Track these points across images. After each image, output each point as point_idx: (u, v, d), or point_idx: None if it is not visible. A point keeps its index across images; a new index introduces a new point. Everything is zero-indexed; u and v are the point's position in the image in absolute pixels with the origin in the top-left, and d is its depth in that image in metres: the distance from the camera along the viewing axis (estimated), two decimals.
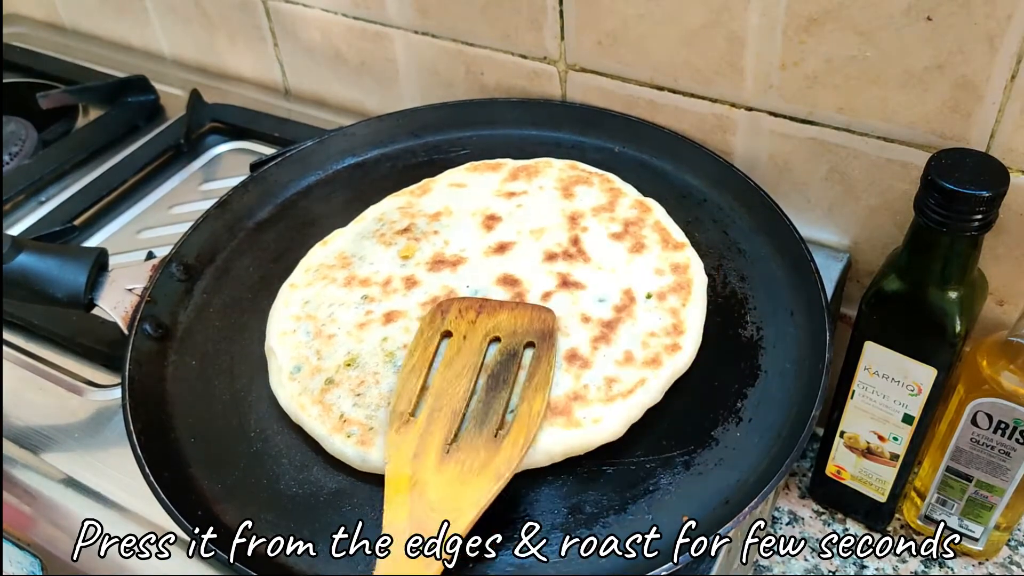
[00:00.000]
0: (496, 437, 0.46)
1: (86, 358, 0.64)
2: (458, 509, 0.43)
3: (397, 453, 0.45)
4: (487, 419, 0.46)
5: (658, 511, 0.46)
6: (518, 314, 0.52)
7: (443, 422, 0.46)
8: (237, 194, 0.66)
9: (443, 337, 0.51)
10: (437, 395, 0.48)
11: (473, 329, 0.51)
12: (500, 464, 0.45)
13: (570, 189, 0.64)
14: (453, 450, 0.45)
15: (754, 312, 0.56)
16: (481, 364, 0.49)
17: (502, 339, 0.50)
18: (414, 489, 0.43)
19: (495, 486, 0.44)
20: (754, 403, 0.51)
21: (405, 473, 0.44)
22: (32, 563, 0.55)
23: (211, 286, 0.61)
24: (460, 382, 0.48)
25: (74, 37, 1.05)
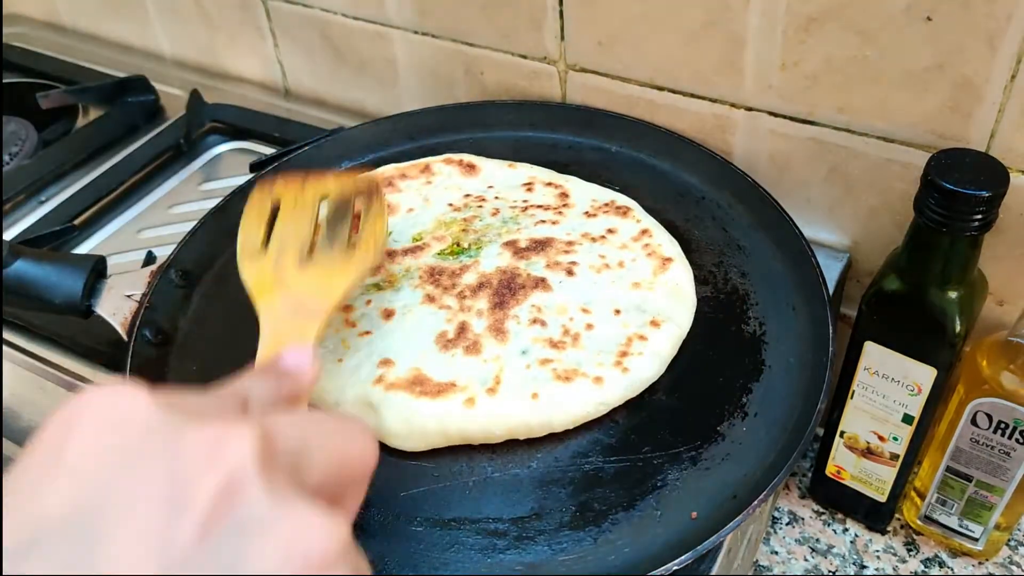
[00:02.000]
0: (348, 248, 0.49)
1: (87, 359, 0.64)
2: (328, 288, 0.46)
3: (256, 273, 0.47)
4: (335, 240, 0.49)
5: (666, 507, 0.46)
6: (343, 179, 0.54)
7: (293, 248, 0.48)
8: (235, 199, 0.66)
9: (273, 206, 0.52)
10: (280, 237, 0.49)
11: (303, 194, 0.52)
12: (358, 260, 0.48)
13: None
14: (310, 264, 0.48)
15: (756, 308, 0.56)
16: (316, 215, 0.51)
17: (331, 197, 0.52)
18: (280, 288, 0.46)
19: (357, 273, 0.48)
20: (759, 398, 0.51)
21: (268, 279, 0.46)
22: None
23: (210, 292, 0.61)
24: (300, 225, 0.50)
25: (74, 37, 1.05)
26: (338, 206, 0.52)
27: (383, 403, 0.49)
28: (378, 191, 0.53)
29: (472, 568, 0.44)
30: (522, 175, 0.66)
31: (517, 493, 0.47)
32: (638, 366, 0.51)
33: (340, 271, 0.47)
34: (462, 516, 0.47)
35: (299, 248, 0.48)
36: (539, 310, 0.54)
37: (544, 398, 0.49)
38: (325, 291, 0.46)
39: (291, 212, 0.51)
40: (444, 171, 0.66)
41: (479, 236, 0.60)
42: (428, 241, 0.60)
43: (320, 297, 0.45)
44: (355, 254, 0.49)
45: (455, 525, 0.46)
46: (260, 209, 0.52)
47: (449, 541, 0.46)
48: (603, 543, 0.45)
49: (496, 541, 0.46)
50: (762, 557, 0.66)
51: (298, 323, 0.43)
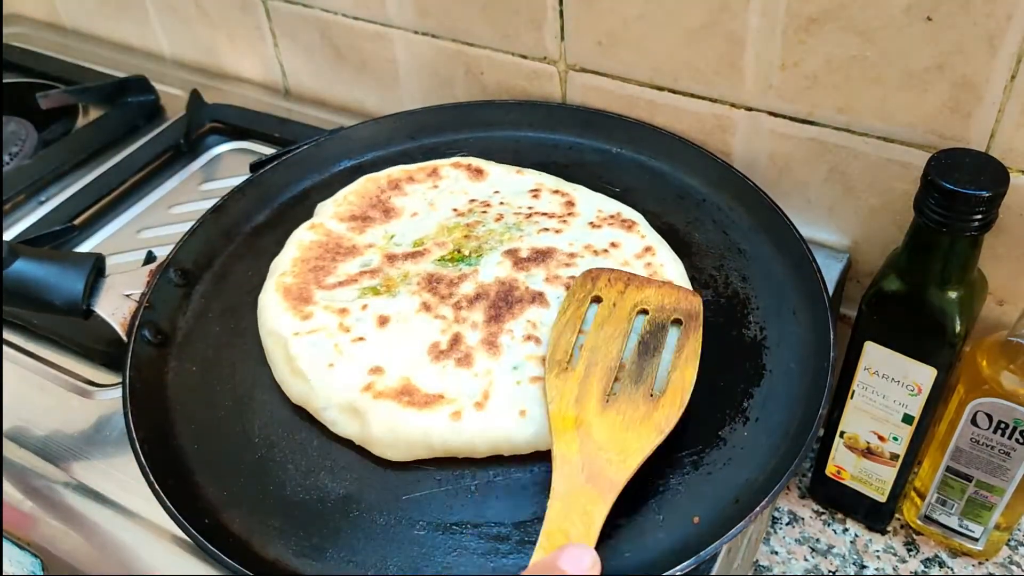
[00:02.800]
0: (652, 396, 0.47)
1: (86, 358, 0.64)
2: (624, 451, 0.44)
3: (559, 396, 0.47)
4: (642, 379, 0.48)
5: (668, 511, 0.46)
6: (665, 291, 0.53)
7: (600, 375, 0.48)
8: (233, 198, 0.66)
9: (593, 302, 0.53)
10: (591, 350, 0.49)
11: (622, 299, 0.52)
12: (660, 419, 0.46)
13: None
14: (612, 401, 0.47)
15: (756, 312, 0.56)
16: (630, 331, 0.51)
17: (650, 312, 0.52)
18: (580, 428, 0.45)
19: (657, 438, 0.45)
20: (760, 402, 0.51)
21: (570, 414, 0.46)
22: (32, 563, 0.55)
23: (209, 291, 0.61)
24: (613, 343, 0.50)
25: (74, 37, 1.05)
26: (653, 328, 0.51)
27: (370, 410, 0.49)
28: (698, 318, 0.51)
29: (475, 572, 0.44)
30: (529, 181, 0.65)
31: (520, 497, 0.47)
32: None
33: (640, 428, 0.46)
34: (464, 520, 0.47)
35: (606, 375, 0.48)
36: (534, 326, 0.53)
37: (531, 416, 0.48)
38: (622, 452, 0.44)
39: (607, 318, 0.51)
40: (451, 175, 0.66)
41: (480, 243, 0.59)
42: (430, 247, 0.60)
43: (616, 463, 0.44)
44: (657, 410, 0.47)
45: (457, 529, 0.46)
46: (579, 303, 0.52)
47: (452, 545, 0.46)
48: (605, 548, 0.45)
49: (499, 545, 0.45)
50: (762, 557, 0.66)
51: (589, 496, 0.43)
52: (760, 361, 0.53)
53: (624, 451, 0.45)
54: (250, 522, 0.47)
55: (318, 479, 0.49)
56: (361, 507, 0.48)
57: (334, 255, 0.60)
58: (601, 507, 0.42)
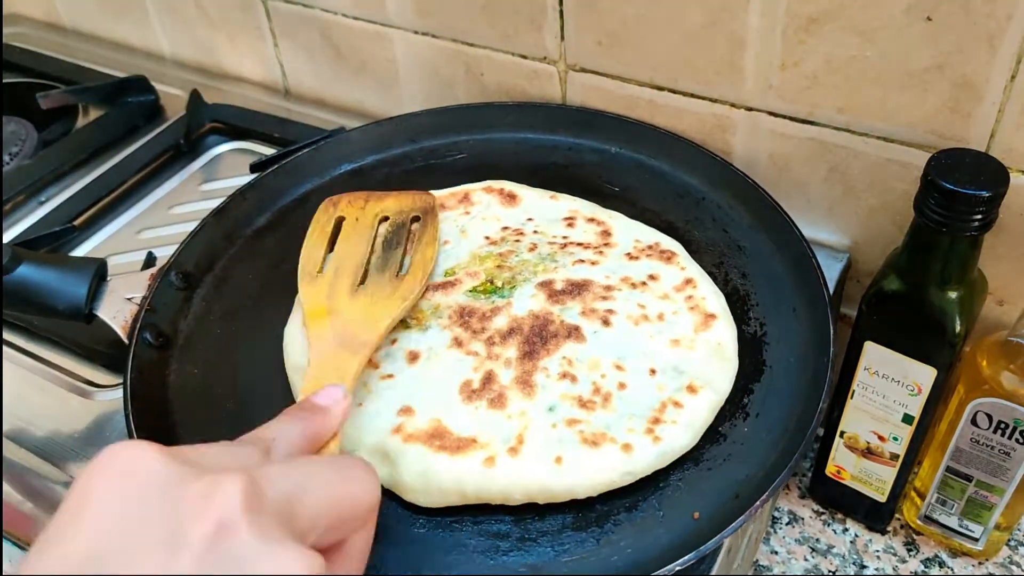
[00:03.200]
0: (398, 276, 0.54)
1: (87, 359, 0.64)
2: (374, 319, 0.50)
3: (311, 296, 0.53)
4: (387, 266, 0.55)
5: (668, 507, 0.46)
6: (402, 198, 0.61)
7: (348, 273, 0.54)
8: (235, 201, 0.66)
9: (337, 223, 0.59)
10: (339, 259, 0.56)
11: (364, 212, 0.59)
12: (404, 289, 0.53)
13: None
14: (361, 290, 0.53)
15: (756, 308, 0.56)
16: (375, 236, 0.57)
17: (391, 217, 0.59)
18: (331, 315, 0.51)
19: (403, 304, 0.52)
20: (760, 398, 0.51)
21: (322, 306, 0.51)
22: None
23: (210, 294, 0.61)
24: (358, 247, 0.56)
25: (74, 37, 1.05)
26: (395, 228, 0.58)
27: (400, 455, 0.47)
28: (433, 211, 0.59)
29: (475, 570, 0.44)
30: (563, 208, 0.63)
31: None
32: (671, 436, 0.48)
33: (387, 301, 0.52)
34: (464, 517, 0.47)
35: (353, 272, 0.54)
36: (570, 363, 0.51)
37: (568, 463, 0.46)
38: (372, 321, 0.50)
39: (351, 231, 0.58)
40: (483, 200, 0.64)
41: (514, 274, 0.57)
42: (461, 276, 0.57)
43: (367, 329, 0.49)
44: (402, 284, 0.53)
45: (457, 527, 0.46)
46: (323, 225, 0.58)
47: (452, 543, 0.46)
48: (605, 544, 0.45)
49: (499, 543, 0.45)
50: (762, 557, 0.66)
51: (343, 356, 0.47)
52: (760, 357, 0.54)
53: (374, 319, 0.50)
54: None
55: None
56: None
57: None
58: (353, 360, 0.47)
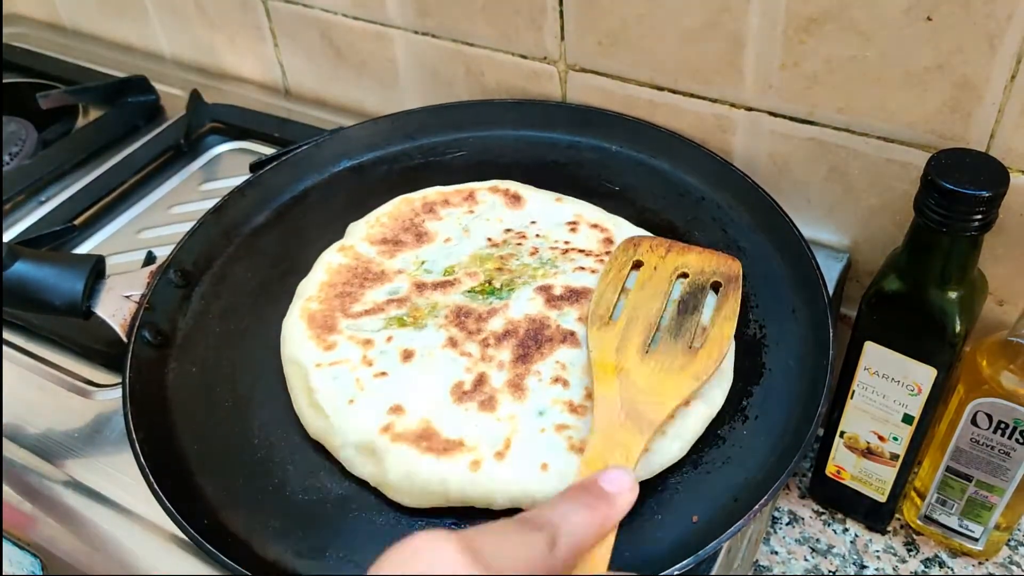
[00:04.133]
0: (691, 348, 0.49)
1: (86, 358, 0.64)
2: (662, 394, 0.46)
3: (600, 345, 0.49)
4: (680, 333, 0.50)
5: (667, 510, 0.46)
6: (706, 257, 0.55)
7: (640, 328, 0.50)
8: (233, 199, 0.66)
9: (634, 267, 0.55)
10: (632, 308, 0.51)
11: (663, 263, 0.55)
12: (698, 367, 0.48)
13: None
14: (652, 352, 0.49)
15: (756, 310, 0.56)
16: (671, 292, 0.53)
17: (690, 275, 0.54)
18: (620, 373, 0.47)
19: (695, 384, 0.47)
20: (759, 401, 0.51)
21: (610, 361, 0.48)
22: (32, 563, 0.55)
23: (209, 292, 0.61)
24: (653, 301, 0.52)
25: (74, 37, 1.05)
26: (693, 289, 0.53)
27: (387, 454, 0.47)
28: (737, 280, 0.53)
29: None
30: (568, 212, 0.62)
31: None
32: (660, 447, 0.47)
33: (678, 376, 0.47)
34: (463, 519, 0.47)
35: (646, 329, 0.50)
36: (563, 367, 0.51)
37: (553, 470, 0.46)
38: (660, 395, 0.46)
39: (647, 280, 0.53)
40: (488, 200, 0.64)
41: (513, 277, 0.57)
42: (460, 276, 0.57)
43: (654, 403, 0.45)
44: (696, 359, 0.48)
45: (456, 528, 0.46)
46: (621, 266, 0.54)
47: None
48: None
49: None
50: (762, 557, 0.66)
51: (628, 431, 0.44)
52: (759, 359, 0.53)
53: (662, 395, 0.46)
54: (249, 522, 0.47)
55: (317, 479, 0.49)
56: (360, 507, 0.48)
57: (362, 280, 0.58)
58: (638, 439, 0.43)
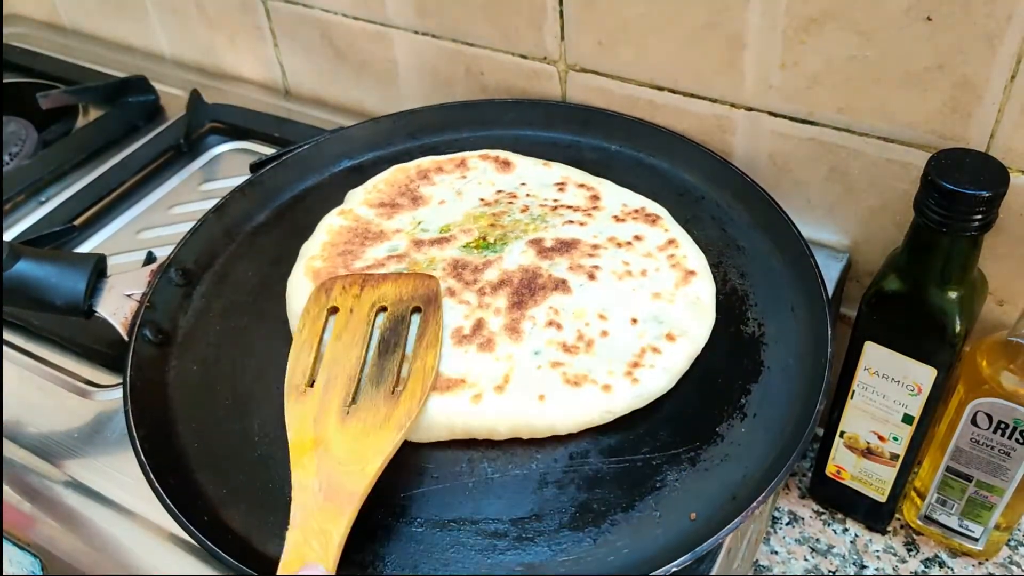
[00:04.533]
0: (393, 393, 0.47)
1: (86, 358, 0.64)
2: (364, 459, 0.44)
3: (298, 421, 0.46)
4: (383, 379, 0.48)
5: (665, 508, 0.46)
6: (401, 283, 0.53)
7: (339, 387, 0.48)
8: (234, 198, 0.66)
9: (330, 314, 0.52)
10: (330, 365, 0.49)
11: (359, 302, 0.52)
12: (400, 416, 0.46)
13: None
14: (353, 410, 0.47)
15: (755, 308, 0.56)
16: (370, 333, 0.51)
17: (388, 307, 0.52)
18: (318, 448, 0.45)
19: (398, 435, 0.45)
20: (758, 399, 0.51)
21: (308, 436, 0.45)
22: (32, 563, 0.55)
23: (210, 291, 0.61)
24: (352, 350, 0.49)
25: (74, 37, 1.05)
26: (393, 323, 0.51)
27: None
28: (436, 300, 0.52)
29: (472, 569, 0.44)
30: (556, 174, 0.66)
31: (517, 494, 0.47)
32: (648, 378, 0.50)
33: (380, 432, 0.46)
34: (462, 517, 0.47)
35: (346, 385, 0.48)
36: (556, 312, 0.54)
37: (551, 400, 0.49)
38: (361, 461, 0.44)
39: (344, 327, 0.51)
40: (479, 166, 0.67)
41: (506, 232, 0.60)
42: (456, 233, 0.60)
43: (354, 473, 0.44)
44: (398, 406, 0.47)
45: (455, 526, 0.46)
46: (314, 320, 0.52)
47: (449, 542, 0.46)
48: (602, 544, 0.45)
49: (496, 542, 0.45)
50: (762, 557, 0.66)
51: (328, 514, 0.42)
52: (758, 357, 0.53)
53: (363, 459, 0.44)
54: (250, 520, 0.47)
55: None
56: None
57: (363, 240, 0.61)
58: (340, 520, 0.42)
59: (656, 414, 0.51)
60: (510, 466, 0.49)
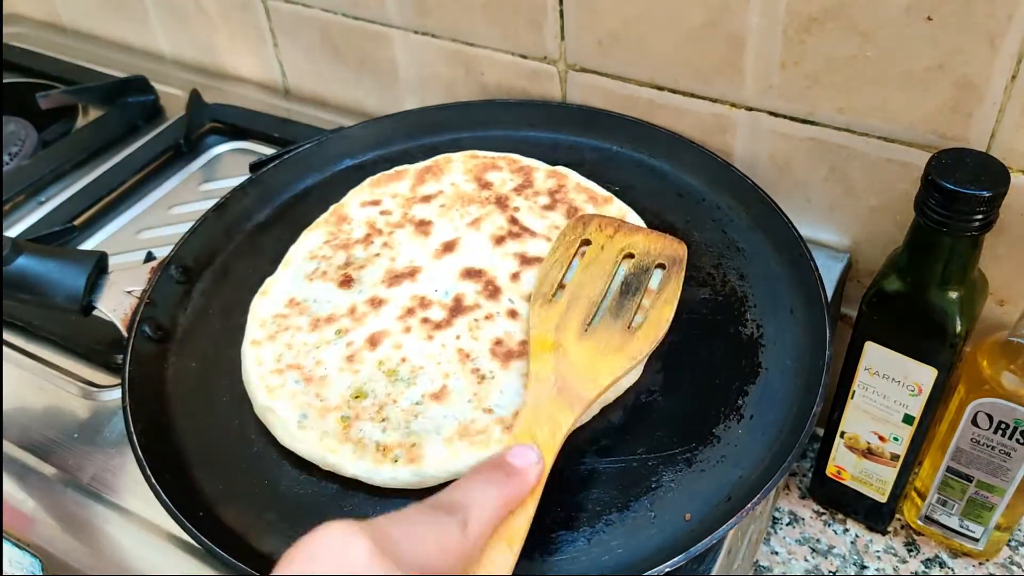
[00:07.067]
0: (630, 328, 0.50)
1: (86, 359, 0.64)
2: (597, 372, 0.47)
3: (540, 322, 0.50)
4: (621, 313, 0.51)
5: (660, 508, 0.46)
6: (653, 238, 0.56)
7: (581, 307, 0.51)
8: (235, 196, 0.66)
9: (583, 244, 0.56)
10: (576, 287, 0.52)
11: (611, 242, 0.55)
12: (633, 348, 0.49)
13: (482, 177, 0.65)
14: (591, 331, 0.50)
15: (754, 310, 0.56)
16: (615, 272, 0.54)
17: (636, 256, 0.55)
18: (557, 350, 0.48)
19: (629, 364, 0.48)
20: (755, 400, 0.51)
21: (548, 338, 0.49)
22: (32, 563, 0.55)
23: (210, 288, 0.61)
24: (597, 280, 0.53)
25: (74, 37, 1.05)
26: (637, 271, 0.54)
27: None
28: (680, 264, 0.54)
29: None
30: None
31: None
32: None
33: (614, 355, 0.48)
34: None
35: (587, 308, 0.51)
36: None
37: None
38: (594, 373, 0.47)
39: (594, 259, 0.54)
40: None
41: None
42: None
43: (587, 380, 0.47)
44: (633, 340, 0.49)
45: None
46: (569, 244, 0.56)
47: None
48: (596, 544, 0.45)
49: None
50: (762, 557, 0.66)
51: (558, 406, 0.45)
52: (756, 359, 0.53)
53: (596, 372, 0.47)
54: (246, 516, 0.48)
55: (313, 474, 0.49)
56: (355, 502, 0.48)
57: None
58: (568, 415, 0.44)
59: (652, 414, 0.51)
60: None
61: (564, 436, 0.43)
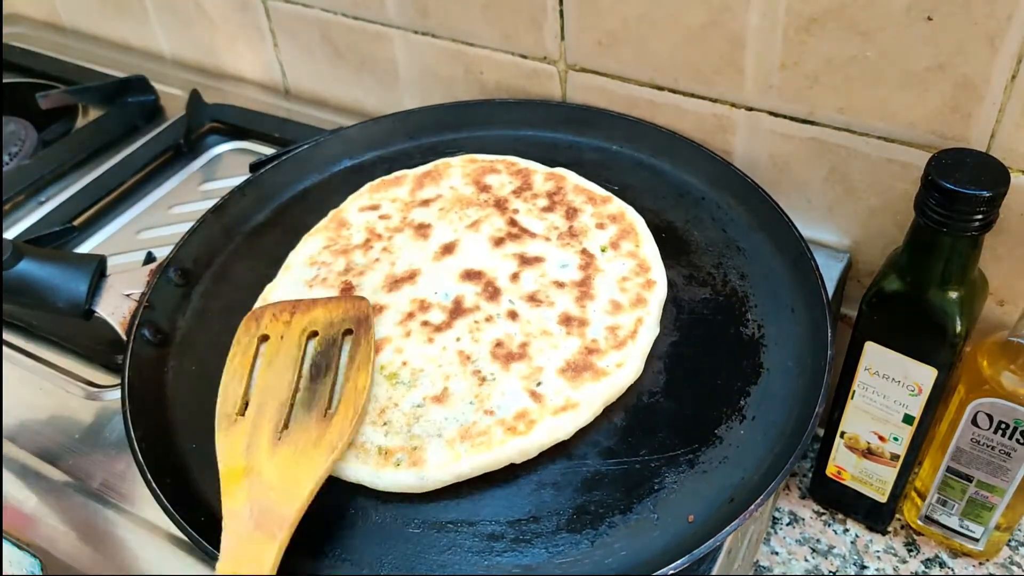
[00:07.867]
0: (325, 416, 0.47)
1: (86, 359, 0.64)
2: (296, 481, 0.44)
3: (228, 450, 0.46)
4: (314, 402, 0.48)
5: (663, 510, 0.46)
6: (332, 306, 0.53)
7: (271, 414, 0.48)
8: (233, 198, 0.66)
9: (260, 342, 0.52)
10: (262, 392, 0.49)
11: (289, 328, 0.52)
12: (332, 437, 0.46)
13: (481, 180, 0.65)
14: (285, 436, 0.46)
15: (755, 310, 0.56)
16: (302, 358, 0.50)
17: (320, 331, 0.52)
18: (249, 475, 0.45)
19: (329, 457, 0.45)
20: (757, 401, 0.51)
21: (238, 465, 0.45)
22: (32, 563, 0.55)
23: (209, 291, 0.61)
24: (284, 376, 0.49)
25: (74, 37, 1.05)
26: (324, 347, 0.51)
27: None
28: (367, 322, 0.52)
29: (469, 570, 0.44)
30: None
31: (515, 496, 0.47)
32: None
33: (312, 454, 0.45)
34: (459, 519, 0.47)
35: (277, 412, 0.47)
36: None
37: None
38: (293, 484, 0.44)
39: (276, 354, 0.51)
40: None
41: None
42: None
43: (288, 496, 0.43)
44: (330, 428, 0.47)
45: (452, 527, 0.46)
46: (245, 349, 0.51)
47: (446, 543, 0.46)
48: (600, 546, 0.45)
49: (493, 544, 0.45)
50: (762, 557, 0.66)
51: (258, 542, 0.42)
52: (758, 359, 0.53)
53: (296, 481, 0.44)
54: None
55: None
56: (356, 506, 0.48)
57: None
58: (270, 546, 0.41)
59: (655, 416, 0.51)
60: (508, 467, 0.49)
61: (274, 565, 0.41)
